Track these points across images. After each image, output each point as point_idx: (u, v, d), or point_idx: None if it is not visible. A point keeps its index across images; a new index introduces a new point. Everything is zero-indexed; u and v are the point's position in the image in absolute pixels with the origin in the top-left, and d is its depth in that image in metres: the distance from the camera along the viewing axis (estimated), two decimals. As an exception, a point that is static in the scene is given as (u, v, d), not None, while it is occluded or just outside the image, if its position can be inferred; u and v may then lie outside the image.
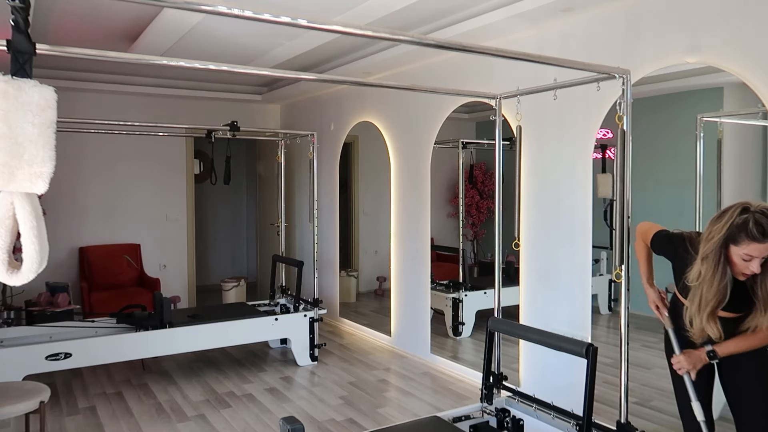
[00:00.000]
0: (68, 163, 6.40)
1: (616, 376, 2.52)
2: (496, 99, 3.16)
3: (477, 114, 5.26)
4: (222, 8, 1.62)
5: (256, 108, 7.70)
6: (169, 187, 7.02)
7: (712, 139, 3.78)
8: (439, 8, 3.89)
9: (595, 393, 2.28)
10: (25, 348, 3.89)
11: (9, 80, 1.32)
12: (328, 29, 1.84)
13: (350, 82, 2.79)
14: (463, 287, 5.42)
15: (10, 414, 2.79)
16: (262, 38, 4.74)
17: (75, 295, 6.13)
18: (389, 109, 5.55)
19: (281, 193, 5.73)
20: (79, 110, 6.26)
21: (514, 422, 2.81)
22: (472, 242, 6.11)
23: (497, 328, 2.88)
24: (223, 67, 2.42)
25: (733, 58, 2.92)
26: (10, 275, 1.36)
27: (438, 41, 2.09)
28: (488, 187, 5.99)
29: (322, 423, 3.76)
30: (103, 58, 2.12)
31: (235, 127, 4.77)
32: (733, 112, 3.72)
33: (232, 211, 9.05)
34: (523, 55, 2.30)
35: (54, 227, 6.20)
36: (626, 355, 2.50)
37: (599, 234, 3.70)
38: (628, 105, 2.46)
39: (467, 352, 5.19)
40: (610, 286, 4.88)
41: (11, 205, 1.34)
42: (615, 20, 3.45)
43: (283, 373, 4.75)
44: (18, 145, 1.30)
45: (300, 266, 5.07)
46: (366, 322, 6.15)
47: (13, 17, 1.39)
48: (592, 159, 3.61)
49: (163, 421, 3.80)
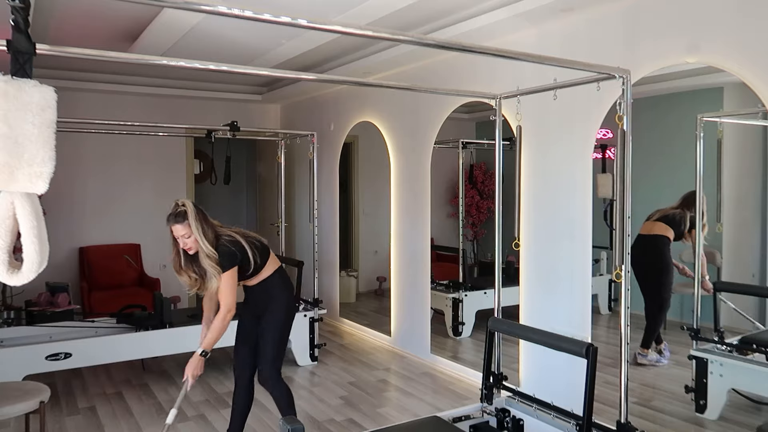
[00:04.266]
0: (68, 163, 6.39)
1: (616, 376, 2.52)
2: (496, 99, 3.16)
3: (477, 114, 5.26)
4: (222, 8, 1.62)
5: (256, 108, 7.70)
6: (169, 187, 7.02)
7: (712, 139, 3.78)
8: (439, 8, 3.89)
9: (595, 393, 2.28)
10: (25, 348, 3.89)
11: (9, 80, 1.32)
12: (328, 29, 1.84)
13: (350, 82, 2.80)
14: (463, 287, 5.42)
15: (10, 414, 2.79)
16: (262, 38, 4.74)
17: (75, 295, 6.13)
18: (389, 109, 5.55)
19: (281, 193, 5.73)
20: (79, 110, 6.26)
21: (514, 422, 2.81)
22: (472, 242, 6.11)
23: (497, 328, 2.88)
24: (223, 67, 2.42)
25: (733, 58, 2.92)
26: (10, 275, 1.36)
27: (438, 41, 2.09)
28: (488, 187, 5.99)
29: (322, 423, 3.76)
30: (103, 58, 2.11)
31: (235, 127, 4.77)
32: (733, 112, 3.73)
33: (232, 211, 9.04)
34: (523, 55, 2.30)
35: (54, 227, 6.15)
36: (626, 355, 2.49)
37: (599, 234, 3.70)
38: (628, 105, 2.46)
39: (467, 352, 5.19)
40: (610, 286, 4.89)
41: (11, 205, 1.34)
42: (615, 20, 3.45)
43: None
44: (18, 145, 1.31)
45: (300, 266, 5.07)
46: (366, 322, 6.15)
47: (13, 17, 1.39)
48: (592, 159, 3.61)
49: (163, 421, 3.79)
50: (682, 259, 4.31)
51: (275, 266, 3.10)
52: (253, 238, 3.01)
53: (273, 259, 3.11)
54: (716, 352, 3.52)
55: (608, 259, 4.69)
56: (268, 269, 3.06)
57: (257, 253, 2.97)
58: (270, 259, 3.07)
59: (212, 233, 2.85)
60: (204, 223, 2.83)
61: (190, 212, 2.79)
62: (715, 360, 3.46)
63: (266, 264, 3.04)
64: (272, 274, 3.07)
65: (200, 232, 2.78)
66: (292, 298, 3.18)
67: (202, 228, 2.79)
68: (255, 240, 3.00)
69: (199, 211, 2.84)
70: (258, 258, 2.97)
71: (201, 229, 2.79)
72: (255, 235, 3.05)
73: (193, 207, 2.84)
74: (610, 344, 4.21)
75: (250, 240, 2.97)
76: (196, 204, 2.89)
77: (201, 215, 2.84)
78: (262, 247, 3.02)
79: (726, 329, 3.65)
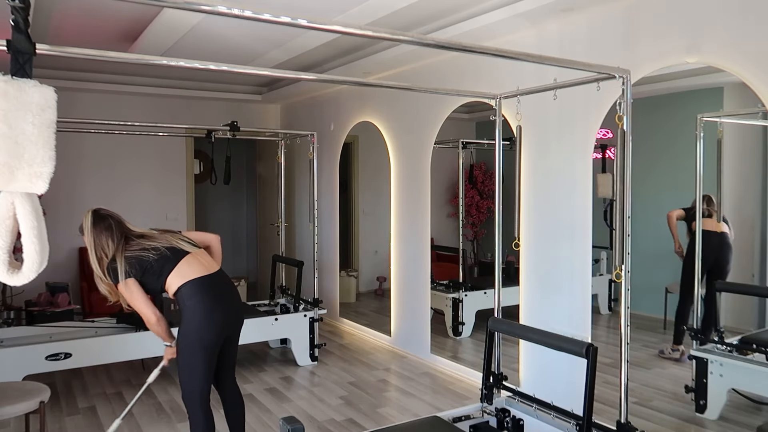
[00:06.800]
0: (68, 163, 6.40)
1: (616, 376, 2.52)
2: (496, 99, 3.16)
3: (477, 114, 5.26)
4: (222, 8, 1.62)
5: (256, 108, 7.70)
6: (169, 187, 7.02)
7: (712, 139, 3.78)
8: (439, 8, 3.89)
9: (595, 393, 2.28)
10: (25, 348, 3.89)
11: (9, 80, 1.32)
12: (328, 29, 1.84)
13: (350, 82, 2.79)
14: (463, 287, 5.42)
15: (10, 414, 2.79)
16: (262, 38, 4.74)
17: (75, 295, 6.13)
18: (389, 109, 5.55)
19: (281, 193, 5.73)
20: (79, 110, 6.26)
21: (514, 422, 2.81)
22: (472, 242, 6.11)
23: (497, 328, 2.88)
24: (223, 67, 2.42)
25: (733, 58, 2.92)
26: (10, 275, 1.36)
27: (438, 41, 2.09)
28: (488, 187, 5.99)
29: (322, 423, 3.76)
30: (103, 58, 2.11)
31: (235, 127, 4.76)
32: (733, 112, 3.73)
33: (232, 211, 9.05)
34: (523, 55, 2.30)
35: (54, 227, 6.16)
36: (626, 355, 2.49)
37: (599, 234, 3.70)
38: (628, 105, 2.46)
39: (467, 352, 5.19)
40: (610, 286, 4.89)
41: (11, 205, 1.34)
42: (615, 20, 3.45)
43: (283, 373, 4.75)
44: (18, 145, 1.31)
45: (300, 266, 5.07)
46: (366, 322, 6.15)
47: (13, 17, 1.39)
48: (592, 159, 3.61)
49: (163, 421, 3.80)
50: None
51: (185, 278, 2.70)
52: (151, 247, 2.70)
53: (184, 268, 2.72)
54: (716, 352, 3.52)
55: (608, 259, 4.70)
56: (174, 281, 2.70)
57: (152, 266, 2.68)
58: (178, 269, 2.71)
59: (114, 246, 2.67)
60: (102, 235, 2.67)
61: (87, 225, 2.69)
62: (715, 360, 3.46)
63: (171, 275, 2.70)
64: (180, 288, 2.70)
65: (92, 247, 2.67)
66: (206, 318, 2.67)
67: (94, 242, 2.67)
68: (152, 249, 2.70)
69: (101, 221, 2.69)
70: (158, 270, 2.69)
71: (94, 244, 2.67)
72: (157, 244, 2.73)
73: (91, 219, 2.70)
74: (610, 344, 4.21)
75: (145, 249, 2.70)
76: (102, 213, 2.74)
77: (102, 226, 2.68)
78: (160, 257, 2.69)
79: (726, 329, 3.65)
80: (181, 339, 2.70)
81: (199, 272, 2.74)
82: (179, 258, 2.73)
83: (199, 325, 2.67)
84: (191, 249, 2.81)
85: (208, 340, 2.69)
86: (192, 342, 2.68)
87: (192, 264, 2.74)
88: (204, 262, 2.81)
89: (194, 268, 2.74)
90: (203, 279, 2.72)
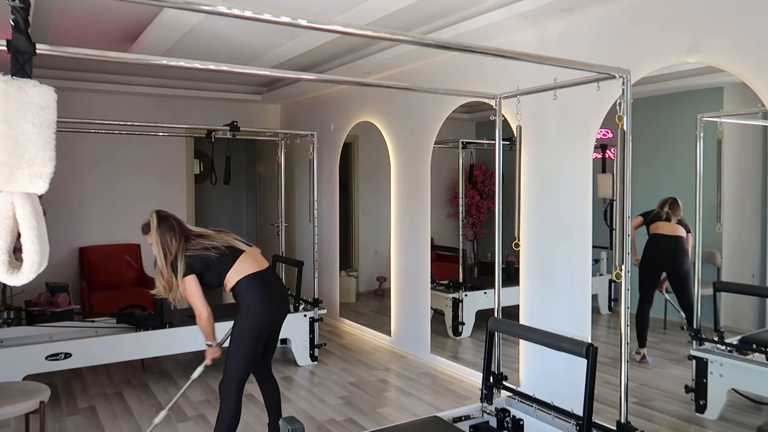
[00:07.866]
0: (68, 163, 6.40)
1: (616, 376, 2.53)
2: (496, 99, 3.16)
3: (477, 114, 5.26)
4: (222, 8, 1.62)
5: (256, 108, 7.69)
6: (169, 187, 7.02)
7: (712, 139, 3.78)
8: (439, 8, 3.89)
9: (595, 393, 2.28)
10: (25, 348, 3.89)
11: (9, 80, 1.32)
12: (328, 29, 1.84)
13: (350, 82, 2.79)
14: (463, 287, 5.42)
15: (10, 414, 2.79)
16: (262, 38, 4.74)
17: (75, 295, 6.13)
18: (389, 109, 5.55)
19: (281, 193, 5.73)
20: (79, 110, 6.26)
21: (514, 422, 2.81)
22: (472, 242, 6.11)
23: (497, 328, 2.88)
24: (223, 67, 2.42)
25: (733, 58, 2.92)
26: (10, 275, 1.36)
27: (438, 41, 2.09)
28: (488, 187, 5.99)
29: (322, 423, 3.76)
30: (103, 58, 2.12)
31: (235, 127, 4.77)
32: (733, 112, 3.73)
33: (232, 211, 9.05)
34: (523, 55, 2.30)
35: (54, 227, 6.18)
36: (626, 355, 2.50)
37: (599, 234, 3.70)
38: (628, 105, 2.46)
39: (467, 352, 5.19)
40: (610, 286, 4.88)
41: (11, 205, 1.34)
42: (615, 20, 3.45)
43: (283, 373, 4.75)
44: (18, 145, 1.30)
45: (300, 266, 5.06)
46: (366, 322, 6.15)
47: (13, 17, 1.39)
48: (592, 159, 3.61)
49: (163, 421, 3.79)
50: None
51: (242, 273, 2.98)
52: (212, 246, 2.97)
53: (242, 265, 3.00)
54: (716, 352, 3.52)
55: (608, 259, 4.69)
56: (233, 276, 2.98)
57: (214, 263, 2.94)
58: (236, 265, 2.99)
59: (176, 245, 2.91)
60: (167, 234, 2.90)
61: (153, 225, 2.93)
62: (715, 360, 3.46)
63: (230, 271, 2.98)
64: (238, 282, 2.98)
65: (159, 245, 2.90)
66: (262, 308, 2.97)
67: (160, 240, 2.90)
68: (212, 248, 2.96)
69: (164, 222, 2.94)
70: (218, 267, 2.96)
71: (160, 242, 2.90)
72: (217, 243, 2.99)
73: (156, 220, 2.94)
74: (610, 344, 4.21)
75: (207, 249, 2.95)
76: (164, 214, 2.99)
77: (166, 226, 2.93)
78: (221, 255, 2.96)
79: (726, 329, 3.65)
80: (238, 327, 2.95)
81: (254, 268, 3.03)
82: (237, 255, 3.01)
83: (254, 314, 2.95)
84: (245, 248, 3.09)
85: (262, 328, 2.97)
86: (248, 329, 2.94)
87: (248, 261, 3.04)
88: (257, 259, 3.11)
89: (250, 264, 3.03)
90: (258, 274, 3.02)
